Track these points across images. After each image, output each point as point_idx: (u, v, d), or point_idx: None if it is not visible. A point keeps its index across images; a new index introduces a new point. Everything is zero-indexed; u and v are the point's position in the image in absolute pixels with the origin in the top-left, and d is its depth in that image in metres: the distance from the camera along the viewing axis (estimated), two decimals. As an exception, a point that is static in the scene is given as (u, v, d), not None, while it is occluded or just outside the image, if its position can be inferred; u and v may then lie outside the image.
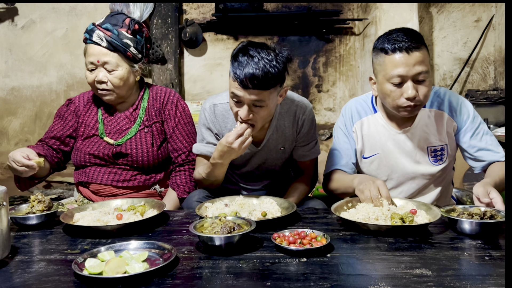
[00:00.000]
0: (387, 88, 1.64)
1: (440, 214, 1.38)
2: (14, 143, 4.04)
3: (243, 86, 1.53)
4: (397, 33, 1.63)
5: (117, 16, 1.93)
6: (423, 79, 1.61)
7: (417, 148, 1.78)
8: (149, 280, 1.04)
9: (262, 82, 1.52)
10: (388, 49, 1.61)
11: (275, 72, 1.53)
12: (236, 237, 1.20)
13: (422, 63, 1.60)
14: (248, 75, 1.51)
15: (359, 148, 1.85)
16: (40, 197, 1.53)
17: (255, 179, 1.96)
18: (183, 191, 1.94)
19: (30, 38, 3.96)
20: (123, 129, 1.97)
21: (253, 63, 1.51)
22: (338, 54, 4.05)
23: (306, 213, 1.61)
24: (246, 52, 1.55)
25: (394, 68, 1.60)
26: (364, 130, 1.84)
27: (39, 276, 1.09)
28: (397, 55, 1.60)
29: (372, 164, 1.83)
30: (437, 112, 1.76)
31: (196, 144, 1.90)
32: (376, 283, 1.00)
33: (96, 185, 1.97)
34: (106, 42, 1.85)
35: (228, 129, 1.82)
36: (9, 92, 4.00)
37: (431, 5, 4.04)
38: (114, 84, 1.87)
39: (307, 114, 1.83)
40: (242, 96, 1.56)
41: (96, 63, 1.86)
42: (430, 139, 1.77)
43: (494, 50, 4.06)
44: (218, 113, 1.83)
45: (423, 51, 1.61)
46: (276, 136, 1.83)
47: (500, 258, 1.14)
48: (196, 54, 4.00)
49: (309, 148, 1.88)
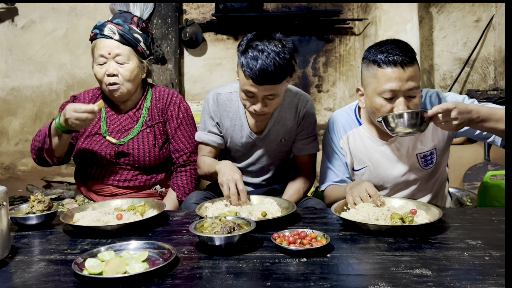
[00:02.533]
0: (377, 102, 1.58)
1: (440, 213, 1.38)
2: (14, 143, 4.04)
3: (257, 82, 1.59)
4: (391, 45, 1.56)
5: (124, 15, 1.96)
6: (414, 95, 1.56)
7: (405, 156, 1.74)
8: (149, 280, 1.04)
9: (274, 77, 1.58)
10: (381, 61, 1.54)
11: (284, 65, 1.59)
12: (236, 237, 1.20)
13: (415, 79, 1.55)
14: (261, 72, 1.57)
15: (349, 161, 1.83)
16: (40, 197, 1.53)
17: (255, 173, 1.97)
18: (183, 192, 1.94)
19: (30, 38, 3.96)
20: (125, 128, 1.97)
21: (264, 57, 1.56)
22: (338, 54, 4.05)
23: (306, 213, 1.61)
24: (255, 47, 1.59)
25: (386, 82, 1.54)
26: (350, 144, 1.80)
27: (39, 276, 1.09)
28: (391, 69, 1.53)
29: (363, 176, 1.81)
30: None
31: (198, 132, 1.95)
32: (376, 283, 1.00)
33: (97, 185, 1.97)
34: (119, 35, 1.86)
35: (230, 118, 1.88)
36: (9, 92, 4.00)
37: (431, 5, 4.04)
38: (125, 77, 1.87)
39: (308, 107, 1.87)
40: (256, 92, 1.62)
41: (108, 55, 1.86)
42: (418, 146, 1.73)
43: (494, 50, 4.06)
44: (221, 102, 1.88)
45: (416, 66, 1.56)
46: (277, 128, 1.87)
47: (500, 258, 1.14)
48: (196, 54, 4.00)
49: (307, 142, 1.90)
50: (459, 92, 4.09)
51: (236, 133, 1.88)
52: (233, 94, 1.88)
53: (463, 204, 2.38)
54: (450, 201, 2.02)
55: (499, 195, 2.29)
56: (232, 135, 1.89)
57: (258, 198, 1.67)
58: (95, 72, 1.89)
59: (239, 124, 1.87)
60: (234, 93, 1.88)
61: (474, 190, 3.20)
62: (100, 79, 1.89)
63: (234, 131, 1.88)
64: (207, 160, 1.86)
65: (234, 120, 1.88)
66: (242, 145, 1.89)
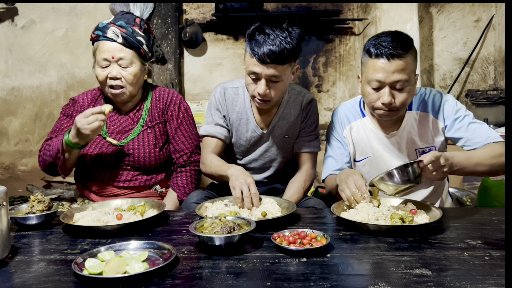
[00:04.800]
0: (366, 90, 1.67)
1: (441, 213, 1.38)
2: (14, 143, 4.04)
3: (262, 61, 1.64)
4: (386, 37, 1.62)
5: (127, 16, 1.94)
6: (401, 87, 1.61)
7: (405, 151, 1.78)
8: (149, 280, 1.04)
9: (279, 57, 1.63)
10: (372, 52, 1.62)
11: (290, 48, 1.64)
12: (236, 237, 1.20)
13: (402, 72, 1.59)
14: (266, 51, 1.62)
15: (352, 152, 1.87)
16: (40, 197, 1.53)
17: (257, 170, 1.99)
18: (183, 192, 1.94)
19: (30, 38, 3.96)
20: (126, 129, 1.97)
21: (270, 40, 1.63)
22: (338, 54, 4.05)
23: (306, 213, 1.61)
24: (262, 30, 1.66)
25: (374, 72, 1.62)
26: (353, 134, 1.86)
27: (39, 276, 1.09)
28: (378, 61, 1.60)
29: (364, 167, 1.86)
30: (422, 114, 1.76)
31: (204, 126, 1.95)
32: (376, 283, 1.00)
33: (97, 185, 1.97)
34: (122, 38, 1.85)
35: (236, 111, 1.91)
36: (9, 92, 4.00)
37: (431, 5, 4.04)
38: (128, 80, 1.86)
39: (312, 105, 1.94)
40: (261, 72, 1.67)
41: (111, 59, 1.84)
42: (417, 142, 1.77)
43: (494, 50, 4.06)
44: (228, 96, 1.91)
45: (407, 59, 1.59)
46: (282, 124, 1.91)
47: (500, 258, 1.14)
48: (196, 54, 4.00)
49: (309, 139, 1.93)
50: (459, 92, 4.09)
51: (241, 127, 1.91)
52: (240, 89, 1.91)
53: (463, 204, 2.38)
54: (451, 201, 2.02)
55: (499, 195, 2.29)
56: (238, 129, 1.91)
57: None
58: (97, 74, 1.88)
59: (245, 118, 1.90)
60: (240, 87, 1.91)
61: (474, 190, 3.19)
62: (102, 81, 1.88)
63: (240, 125, 1.91)
64: (214, 160, 1.83)
65: (240, 114, 1.91)
66: (247, 139, 1.92)
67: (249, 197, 1.55)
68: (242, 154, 1.97)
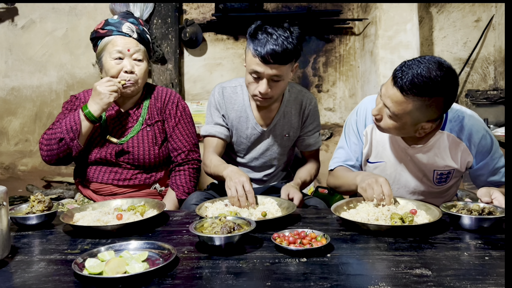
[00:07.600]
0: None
1: (440, 213, 1.38)
2: (14, 143, 4.04)
3: (264, 61, 1.67)
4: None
5: (130, 15, 1.98)
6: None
7: (423, 168, 1.72)
8: (149, 280, 1.04)
9: (281, 57, 1.66)
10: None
11: (292, 48, 1.67)
12: (236, 237, 1.20)
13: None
14: (269, 51, 1.64)
15: (366, 151, 1.81)
16: (40, 197, 1.53)
17: (257, 168, 1.99)
18: (182, 191, 1.94)
19: (30, 38, 3.96)
20: (125, 127, 1.97)
21: (273, 40, 1.65)
22: (338, 54, 4.04)
23: (306, 213, 1.61)
24: (264, 30, 1.67)
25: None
26: (374, 135, 1.78)
27: (39, 276, 1.09)
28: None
29: (375, 170, 1.80)
30: (454, 139, 1.65)
31: (204, 126, 1.96)
32: (376, 283, 1.00)
33: (96, 184, 1.97)
34: (137, 34, 1.90)
35: (235, 110, 1.92)
36: (9, 92, 4.00)
37: (431, 5, 4.03)
38: (140, 75, 1.90)
39: (313, 104, 1.97)
40: (263, 72, 1.69)
41: (126, 52, 1.87)
42: (438, 163, 1.69)
43: (494, 50, 4.06)
44: (226, 95, 1.93)
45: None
46: (282, 122, 1.93)
47: (500, 258, 1.14)
48: (196, 54, 3.99)
49: (315, 138, 2.00)
50: (459, 92, 4.09)
51: (241, 125, 1.91)
52: (238, 88, 1.92)
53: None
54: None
55: (499, 195, 2.28)
56: (238, 127, 1.92)
57: (259, 198, 1.67)
58: (110, 67, 1.87)
59: (244, 116, 1.91)
60: (239, 86, 1.92)
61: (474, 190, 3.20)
62: (114, 75, 1.88)
63: (240, 122, 1.91)
64: (214, 160, 1.84)
65: (240, 112, 1.92)
66: (247, 137, 1.93)
67: (243, 196, 1.55)
68: (243, 152, 1.97)
